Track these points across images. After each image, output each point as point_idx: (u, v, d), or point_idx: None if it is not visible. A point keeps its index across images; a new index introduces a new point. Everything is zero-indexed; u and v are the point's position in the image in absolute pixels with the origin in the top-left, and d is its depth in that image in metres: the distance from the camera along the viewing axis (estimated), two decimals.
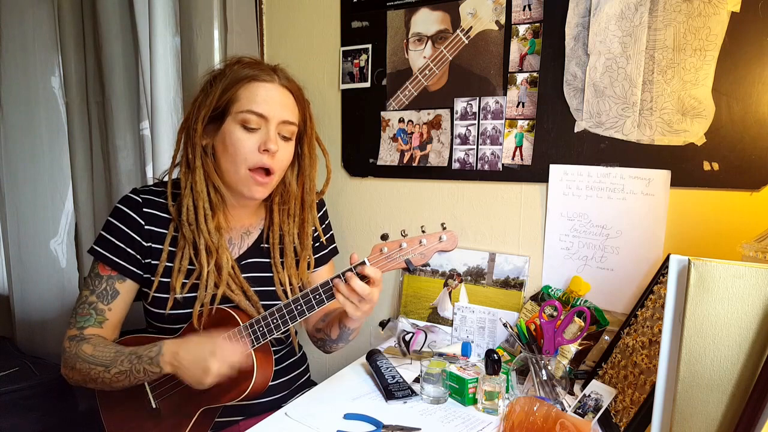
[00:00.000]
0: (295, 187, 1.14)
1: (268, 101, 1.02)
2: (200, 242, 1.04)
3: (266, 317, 1.00)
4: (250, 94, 1.01)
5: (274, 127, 1.03)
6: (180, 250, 1.06)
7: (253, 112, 1.01)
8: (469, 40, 1.36)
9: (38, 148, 1.99)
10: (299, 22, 1.63)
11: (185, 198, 1.05)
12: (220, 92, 1.02)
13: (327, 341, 1.19)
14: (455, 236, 0.96)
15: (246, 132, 1.01)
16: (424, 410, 1.02)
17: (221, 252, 1.06)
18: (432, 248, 0.95)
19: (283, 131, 1.05)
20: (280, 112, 1.03)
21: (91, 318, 1.05)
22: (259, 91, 1.02)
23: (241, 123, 1.01)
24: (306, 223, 1.16)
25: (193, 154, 1.04)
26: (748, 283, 0.65)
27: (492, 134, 1.35)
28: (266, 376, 1.05)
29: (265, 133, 1.02)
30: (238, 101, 1.01)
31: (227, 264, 1.06)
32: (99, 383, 1.01)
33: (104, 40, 1.75)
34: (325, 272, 1.27)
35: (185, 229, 1.05)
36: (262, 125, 1.02)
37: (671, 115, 1.14)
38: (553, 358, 1.10)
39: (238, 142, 1.01)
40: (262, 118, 1.01)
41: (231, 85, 1.02)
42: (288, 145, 1.07)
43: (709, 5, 1.08)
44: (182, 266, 1.05)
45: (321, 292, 0.97)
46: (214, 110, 1.03)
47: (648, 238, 1.18)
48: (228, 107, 1.02)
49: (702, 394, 0.68)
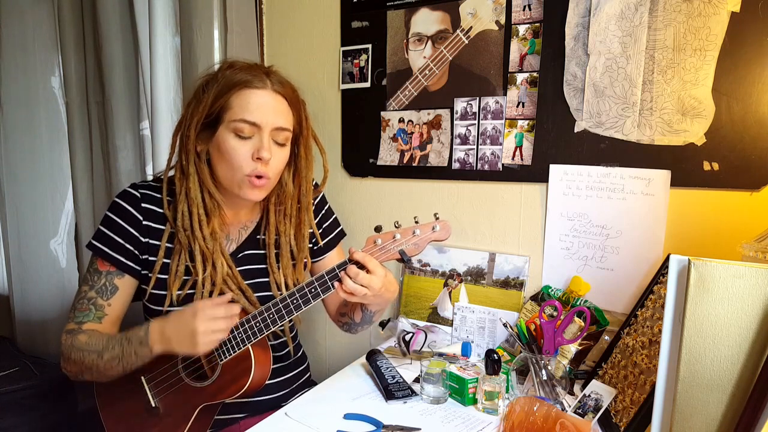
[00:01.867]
0: (291, 188, 1.13)
1: (261, 109, 1.01)
2: (195, 248, 1.05)
3: (262, 312, 0.99)
4: (242, 102, 1.00)
5: (267, 135, 1.02)
6: (176, 254, 1.06)
7: (245, 121, 1.00)
8: (469, 40, 1.36)
9: (38, 148, 1.99)
10: (299, 22, 1.63)
11: (180, 204, 1.05)
12: (213, 99, 1.01)
13: (352, 324, 1.21)
14: (448, 225, 0.96)
15: (239, 140, 1.01)
16: (424, 410, 1.02)
17: (216, 257, 1.06)
18: (425, 238, 0.96)
19: (277, 138, 1.04)
20: (273, 119, 1.02)
21: (90, 313, 1.05)
22: (251, 98, 1.01)
23: (234, 131, 1.01)
24: (302, 224, 1.16)
25: (186, 160, 1.04)
26: (748, 283, 0.65)
27: (492, 134, 1.35)
28: (264, 371, 1.04)
29: (258, 140, 1.01)
30: (231, 109, 1.00)
31: (222, 268, 1.07)
32: (94, 372, 1.01)
33: (104, 40, 1.75)
34: (335, 256, 1.27)
35: (180, 234, 1.05)
36: (255, 133, 1.01)
37: (671, 115, 1.14)
38: (553, 358, 1.10)
39: (233, 151, 1.01)
40: (255, 126, 1.01)
41: (223, 92, 1.01)
42: (282, 150, 1.06)
43: (709, 5, 1.08)
44: (179, 270, 1.06)
45: (316, 285, 0.97)
46: (207, 117, 1.02)
47: (648, 238, 1.18)
48: (220, 115, 1.01)
49: (702, 394, 0.68)
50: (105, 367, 1.00)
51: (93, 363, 1.00)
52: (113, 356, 0.99)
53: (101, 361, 0.99)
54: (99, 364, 1.00)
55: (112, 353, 0.99)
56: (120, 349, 0.98)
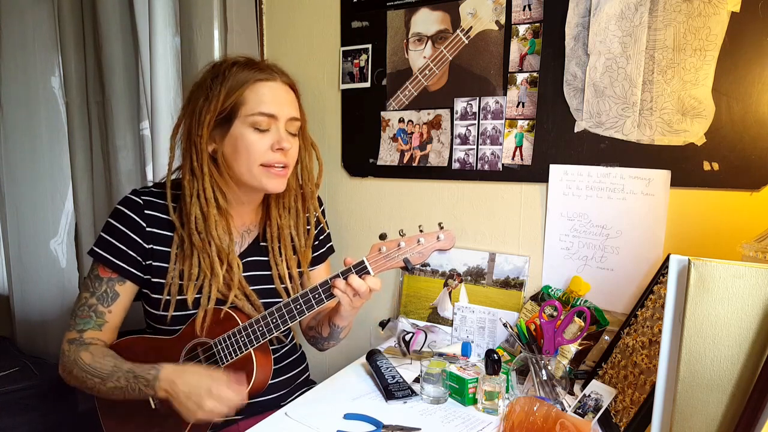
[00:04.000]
0: (292, 180, 1.14)
1: (276, 100, 1.03)
2: (212, 249, 1.04)
3: (266, 317, 1.00)
4: (258, 96, 1.02)
5: (283, 125, 1.04)
6: (188, 258, 1.05)
7: (263, 114, 1.01)
8: (469, 40, 1.36)
9: (38, 148, 1.99)
10: (299, 22, 1.63)
11: (192, 206, 1.04)
12: (225, 96, 1.01)
13: (319, 339, 1.22)
14: (453, 235, 0.97)
15: (258, 133, 1.02)
16: (424, 410, 1.02)
17: (231, 258, 1.07)
18: (430, 247, 0.96)
19: (290, 128, 1.06)
20: (288, 110, 1.05)
21: (90, 321, 1.05)
22: (266, 91, 1.02)
23: (252, 125, 1.01)
24: (303, 214, 1.17)
25: (199, 161, 1.03)
26: (748, 283, 0.65)
27: (492, 134, 1.35)
28: (266, 374, 1.05)
29: (276, 132, 1.03)
30: (246, 104, 1.01)
31: (238, 269, 1.07)
32: (94, 392, 1.03)
33: (104, 40, 1.75)
34: (322, 271, 1.28)
35: (195, 237, 1.04)
36: (272, 125, 1.03)
37: (671, 115, 1.14)
38: (553, 358, 1.10)
39: (252, 145, 1.01)
40: (273, 118, 1.02)
41: (235, 88, 1.01)
42: (296, 140, 1.09)
43: (709, 5, 1.08)
44: (192, 274, 1.05)
45: (320, 291, 0.99)
46: (219, 114, 1.02)
47: (648, 238, 1.18)
48: (235, 110, 1.01)
49: (702, 394, 0.68)
50: (107, 393, 1.01)
51: (94, 386, 1.01)
52: (116, 387, 0.99)
53: (103, 387, 1.00)
54: (101, 389, 1.01)
55: (116, 384, 0.99)
56: (125, 383, 0.99)
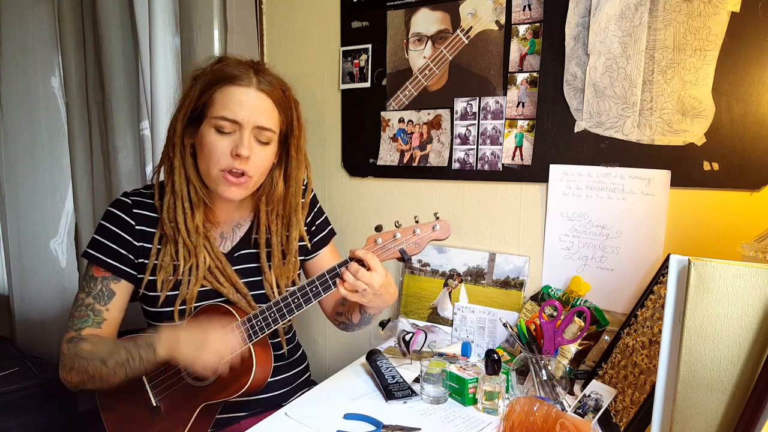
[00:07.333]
0: (281, 189, 1.13)
1: (243, 106, 1.00)
2: (179, 240, 1.06)
3: (264, 311, 1.00)
4: (225, 99, 1.00)
5: (248, 132, 1.01)
6: (163, 247, 1.07)
7: (225, 119, 1.00)
8: (469, 40, 1.36)
9: (38, 148, 1.99)
10: (299, 22, 1.63)
11: (167, 195, 1.06)
12: (198, 94, 1.02)
13: (349, 324, 1.22)
14: (448, 225, 0.97)
15: (219, 135, 1.01)
16: (424, 410, 1.02)
17: (199, 252, 1.07)
18: (426, 237, 0.97)
19: (259, 136, 1.03)
20: (254, 118, 1.01)
21: (88, 319, 1.05)
22: (234, 95, 1.00)
23: (215, 127, 1.01)
24: (292, 225, 1.16)
25: (173, 153, 1.05)
26: (748, 283, 0.65)
27: (492, 134, 1.35)
28: (265, 370, 1.05)
29: (238, 137, 1.01)
30: (213, 105, 1.01)
31: (203, 264, 1.07)
32: (97, 380, 1.01)
33: (104, 40, 1.75)
34: (327, 253, 1.27)
35: (166, 226, 1.06)
36: (236, 129, 1.01)
37: (671, 115, 1.14)
38: (553, 358, 1.10)
39: (212, 145, 1.01)
40: (235, 123, 1.00)
41: (207, 87, 1.01)
42: (265, 149, 1.05)
43: (709, 5, 1.08)
44: (164, 263, 1.06)
45: (317, 283, 0.98)
46: (193, 111, 1.03)
47: (648, 238, 1.18)
48: (204, 110, 1.02)
49: (702, 394, 0.68)
50: (108, 374, 1.00)
51: (96, 371, 1.00)
52: (118, 362, 0.99)
53: (105, 368, 0.99)
54: (103, 371, 1.00)
55: (117, 359, 0.99)
56: (126, 355, 0.98)
